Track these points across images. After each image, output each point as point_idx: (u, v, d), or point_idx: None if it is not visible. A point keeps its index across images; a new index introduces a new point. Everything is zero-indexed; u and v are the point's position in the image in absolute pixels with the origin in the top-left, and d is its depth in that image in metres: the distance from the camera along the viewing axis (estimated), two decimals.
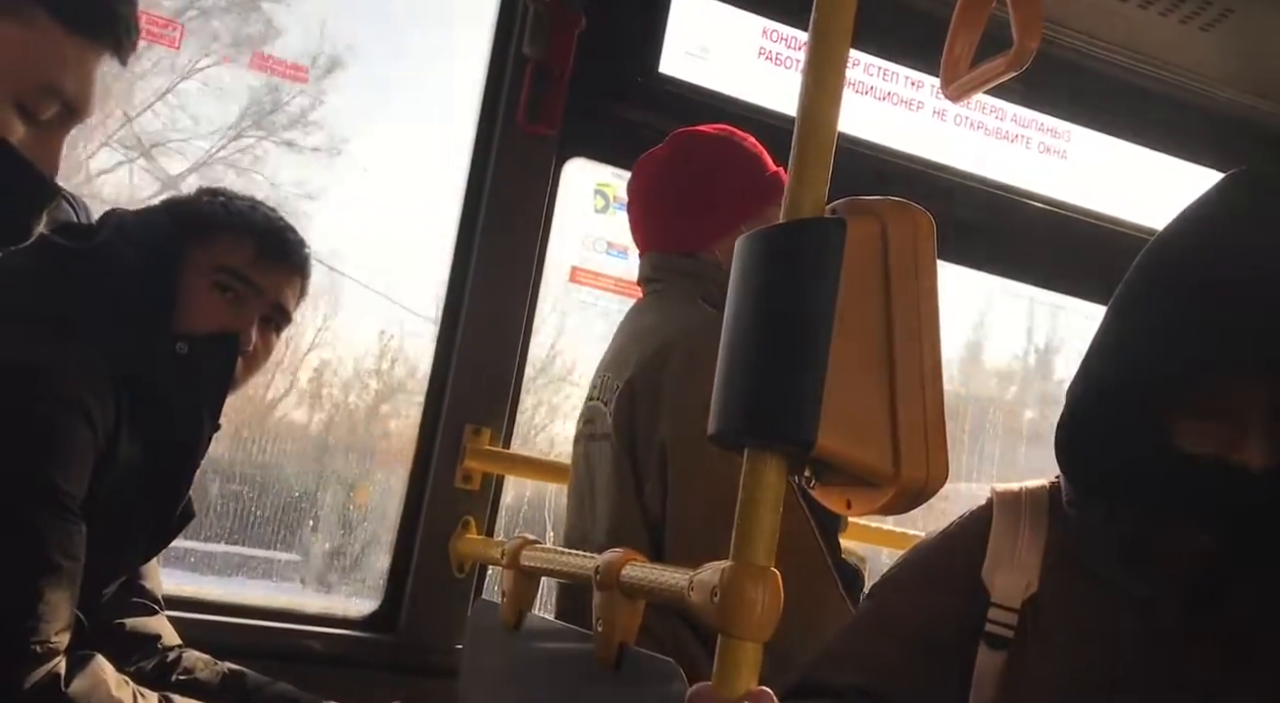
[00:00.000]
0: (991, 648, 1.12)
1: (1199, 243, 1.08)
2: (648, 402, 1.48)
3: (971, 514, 1.22)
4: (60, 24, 0.95)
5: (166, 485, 1.34)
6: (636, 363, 1.52)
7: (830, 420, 0.77)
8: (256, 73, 1.93)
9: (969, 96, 1.01)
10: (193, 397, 1.33)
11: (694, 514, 1.43)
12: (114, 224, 1.35)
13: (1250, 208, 1.08)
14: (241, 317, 1.38)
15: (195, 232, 1.38)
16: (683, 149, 1.64)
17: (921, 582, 1.21)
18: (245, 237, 1.39)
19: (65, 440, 1.19)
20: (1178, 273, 1.07)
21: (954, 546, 1.20)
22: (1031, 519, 1.16)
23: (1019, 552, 1.15)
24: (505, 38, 1.94)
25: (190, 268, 1.36)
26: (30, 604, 1.15)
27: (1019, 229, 2.28)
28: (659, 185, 1.64)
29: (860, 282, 0.79)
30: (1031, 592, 1.12)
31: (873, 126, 2.18)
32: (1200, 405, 1.04)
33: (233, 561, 2.05)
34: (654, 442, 1.47)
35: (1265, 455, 1.02)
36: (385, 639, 1.86)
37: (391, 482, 2.03)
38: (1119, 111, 2.36)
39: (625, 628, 1.11)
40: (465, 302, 1.90)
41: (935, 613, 1.16)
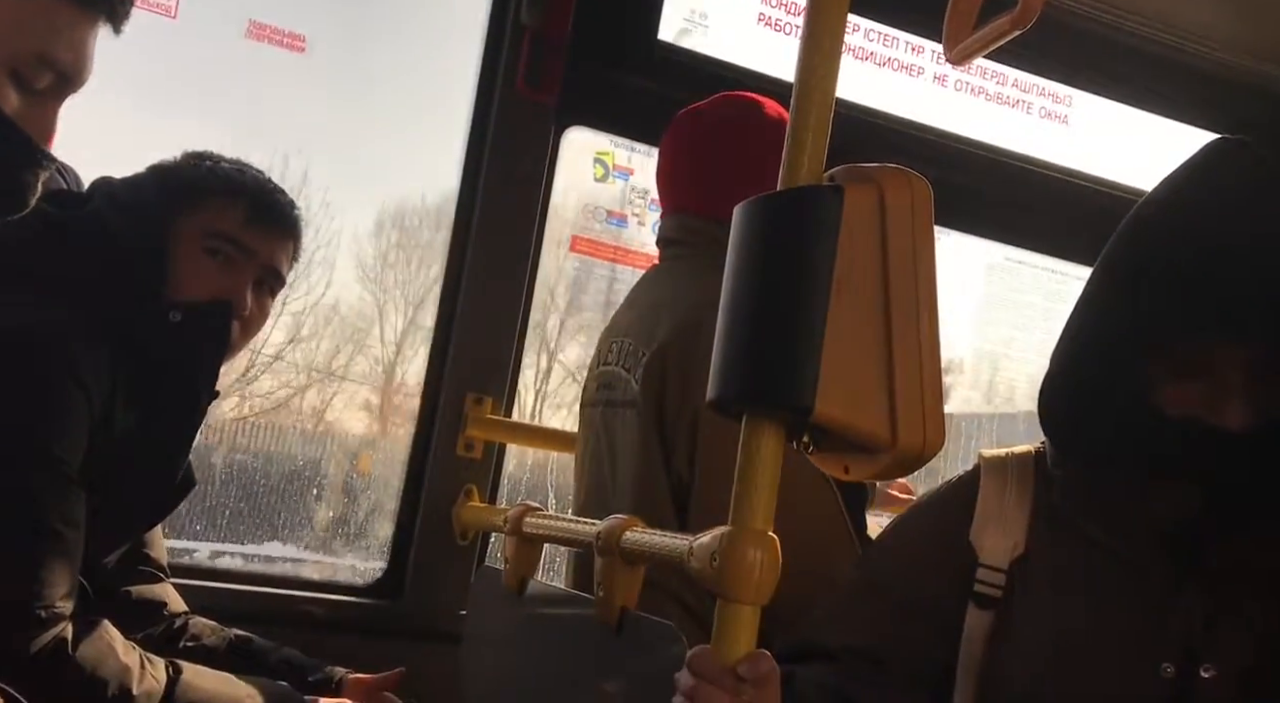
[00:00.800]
0: (980, 608, 1.14)
1: (1182, 207, 1.09)
2: (680, 370, 1.46)
3: (959, 478, 1.24)
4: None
5: (164, 454, 1.35)
6: (670, 330, 1.48)
7: (828, 387, 0.78)
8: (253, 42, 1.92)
9: (972, 59, 1.00)
10: (188, 365, 1.34)
11: (721, 484, 1.44)
12: (103, 192, 1.35)
13: (1234, 173, 1.09)
14: (235, 281, 1.37)
15: (184, 197, 1.37)
16: (746, 116, 1.57)
17: (910, 545, 1.23)
18: (235, 199, 1.38)
19: (60, 408, 1.20)
20: (1160, 236, 1.08)
21: (942, 509, 1.22)
22: (1018, 482, 1.18)
23: (1006, 514, 1.17)
24: (503, 5, 1.92)
25: (181, 234, 1.35)
26: (32, 570, 1.16)
27: (1020, 195, 2.28)
28: (712, 148, 1.56)
29: (858, 248, 0.79)
30: (1019, 552, 1.15)
31: (873, 93, 2.17)
32: (1181, 368, 1.05)
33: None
34: (685, 410, 1.45)
35: (1245, 417, 1.03)
36: (389, 606, 1.88)
37: (394, 450, 2.04)
38: (1120, 75, 2.34)
39: (626, 593, 1.13)
40: (465, 270, 1.90)
41: (924, 574, 1.19)
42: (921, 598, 1.17)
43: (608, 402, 1.60)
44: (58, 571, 1.18)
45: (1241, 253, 1.03)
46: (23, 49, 0.93)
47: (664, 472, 1.48)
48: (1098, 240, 2.34)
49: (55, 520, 1.18)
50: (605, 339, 1.66)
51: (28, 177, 0.98)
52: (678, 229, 1.59)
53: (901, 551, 1.23)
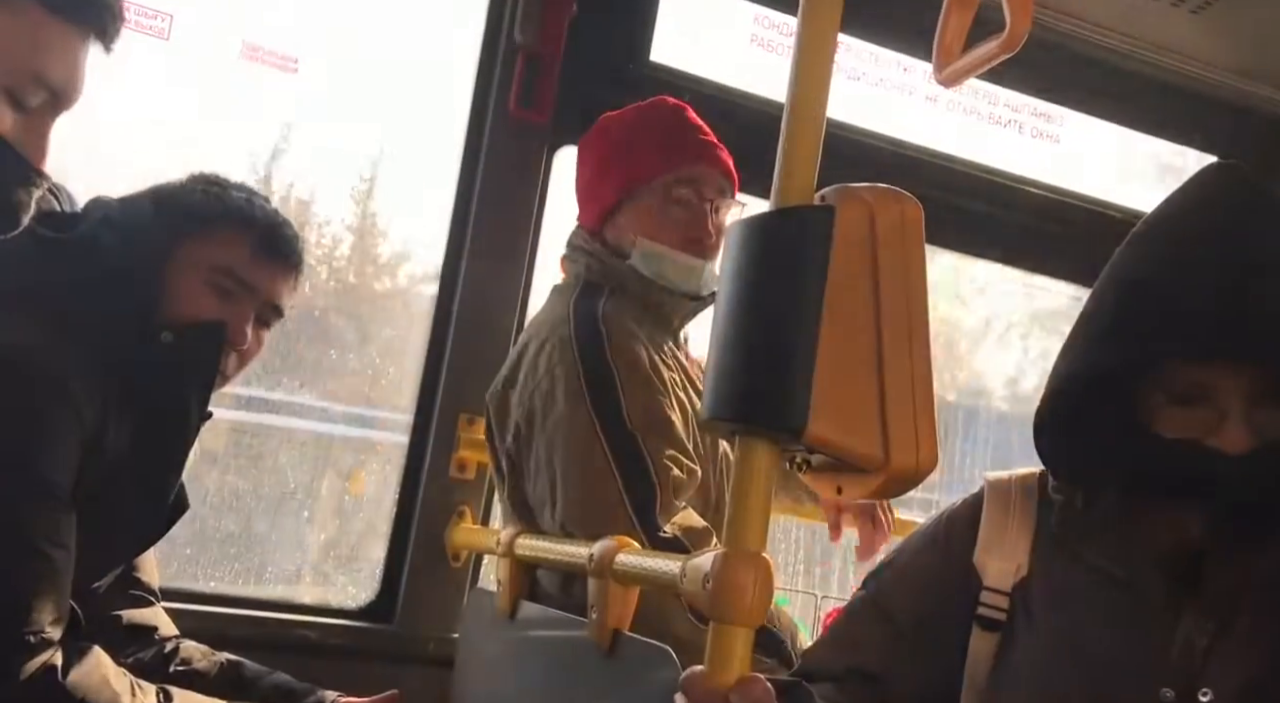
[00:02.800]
0: (984, 630, 1.14)
1: (1180, 232, 1.10)
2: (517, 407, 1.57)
3: (964, 502, 1.24)
4: (44, 9, 0.94)
5: (156, 476, 1.34)
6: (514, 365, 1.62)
7: (820, 407, 0.77)
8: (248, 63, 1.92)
9: (962, 81, 1.01)
10: (180, 386, 1.33)
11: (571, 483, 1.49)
12: (98, 214, 1.34)
13: (1228, 199, 1.10)
14: (235, 315, 1.37)
15: (190, 224, 1.37)
16: (600, 127, 1.70)
17: (916, 567, 1.23)
18: (242, 233, 1.38)
19: (51, 429, 1.19)
20: (1158, 261, 1.09)
21: (947, 532, 1.23)
22: (1021, 505, 1.19)
23: (1009, 537, 1.17)
24: (496, 25, 1.93)
25: (184, 263, 1.35)
26: (21, 594, 1.15)
27: (1011, 214, 2.29)
28: (579, 166, 1.72)
29: (849, 268, 0.79)
30: (1022, 575, 1.15)
31: (864, 113, 2.18)
32: (1178, 393, 1.06)
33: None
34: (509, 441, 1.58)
35: (1243, 441, 1.03)
36: (382, 629, 1.86)
37: (387, 471, 2.03)
38: (1111, 95, 2.36)
39: (619, 615, 1.12)
40: (458, 290, 1.90)
41: (929, 597, 1.19)
42: (926, 621, 1.17)
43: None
44: (48, 595, 1.17)
45: (1232, 279, 1.03)
46: (16, 67, 0.94)
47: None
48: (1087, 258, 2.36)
49: (45, 543, 1.17)
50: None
51: (21, 195, 0.98)
52: (566, 243, 1.72)
53: (906, 573, 1.23)
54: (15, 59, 0.94)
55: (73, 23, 0.97)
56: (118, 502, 1.29)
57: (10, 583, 1.15)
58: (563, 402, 1.47)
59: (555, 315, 1.59)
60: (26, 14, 0.94)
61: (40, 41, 0.95)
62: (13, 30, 0.94)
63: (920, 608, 1.18)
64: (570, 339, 1.50)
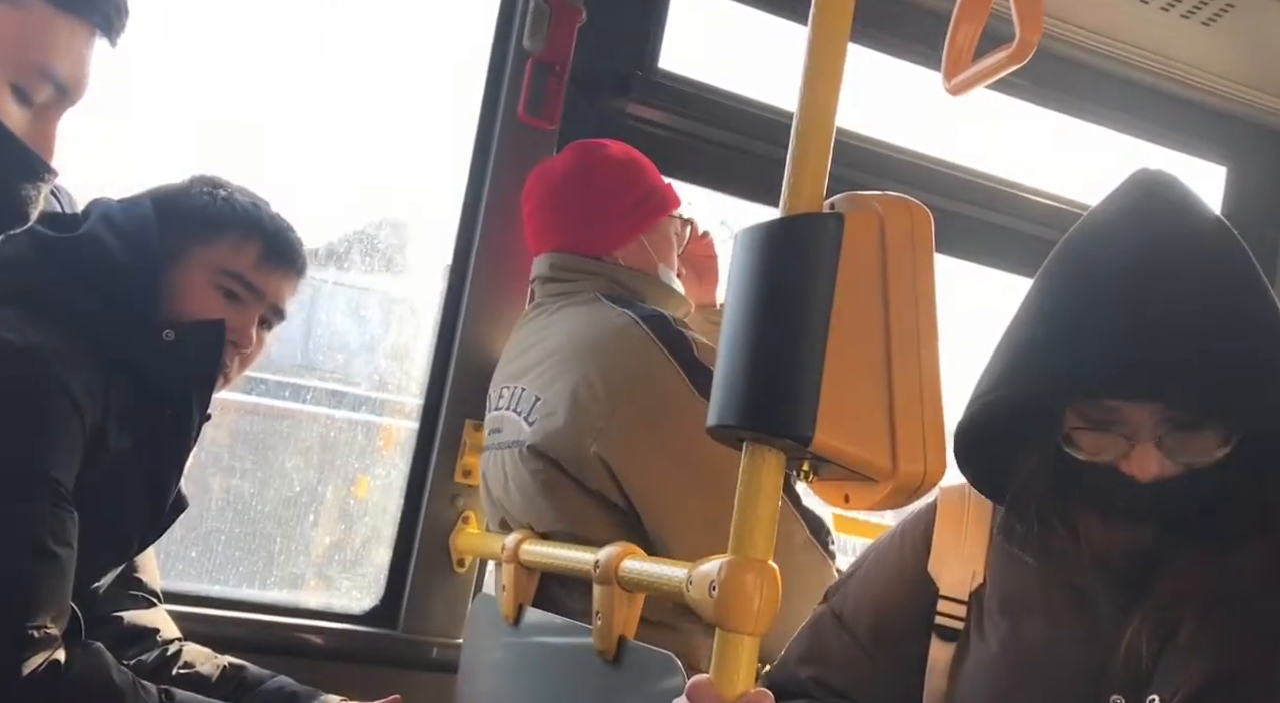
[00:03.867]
0: (942, 639, 1.15)
1: (1092, 262, 1.09)
2: (567, 418, 1.51)
3: (917, 512, 1.24)
4: (49, 4, 0.95)
5: (157, 475, 1.34)
6: (551, 379, 1.56)
7: (828, 415, 0.77)
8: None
9: (971, 90, 1.01)
10: (182, 385, 1.33)
11: (664, 503, 1.46)
12: (98, 214, 1.34)
13: (1144, 223, 1.09)
14: (241, 319, 1.38)
15: (198, 228, 1.38)
16: (587, 159, 1.72)
17: (873, 578, 1.23)
18: (250, 238, 1.40)
19: (53, 427, 1.19)
20: (1071, 293, 1.09)
21: (902, 542, 1.23)
22: (975, 512, 1.19)
23: (964, 544, 1.17)
24: (506, 32, 1.93)
25: (191, 267, 1.36)
26: (25, 590, 1.15)
27: (1019, 223, 2.28)
28: (563, 193, 1.72)
29: (858, 276, 0.79)
30: (978, 583, 1.15)
31: (874, 121, 2.18)
32: (1093, 418, 1.06)
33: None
34: (586, 452, 1.49)
35: (1152, 466, 1.04)
36: (385, 634, 1.86)
37: (392, 476, 2.03)
38: (1121, 107, 2.35)
39: (625, 622, 1.12)
40: (465, 296, 1.90)
41: (887, 608, 1.19)
42: (886, 631, 1.18)
43: (497, 444, 1.66)
44: (50, 591, 1.17)
45: (1139, 318, 1.03)
46: (23, 63, 0.94)
47: (584, 502, 1.50)
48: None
49: (48, 540, 1.17)
50: (494, 387, 1.73)
51: (30, 190, 0.98)
52: (546, 267, 1.72)
53: (865, 583, 1.23)
54: (22, 54, 0.94)
55: (78, 17, 0.97)
56: (118, 500, 1.29)
57: (14, 580, 1.15)
58: (675, 401, 1.46)
59: (609, 325, 1.55)
60: (32, 9, 0.94)
61: (46, 37, 0.95)
62: (18, 26, 0.94)
63: (879, 620, 1.18)
64: (654, 344, 1.50)
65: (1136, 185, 1.13)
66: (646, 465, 1.46)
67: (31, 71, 0.94)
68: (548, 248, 1.73)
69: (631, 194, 1.69)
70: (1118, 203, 1.13)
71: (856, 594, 1.22)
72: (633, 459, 1.46)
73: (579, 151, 1.74)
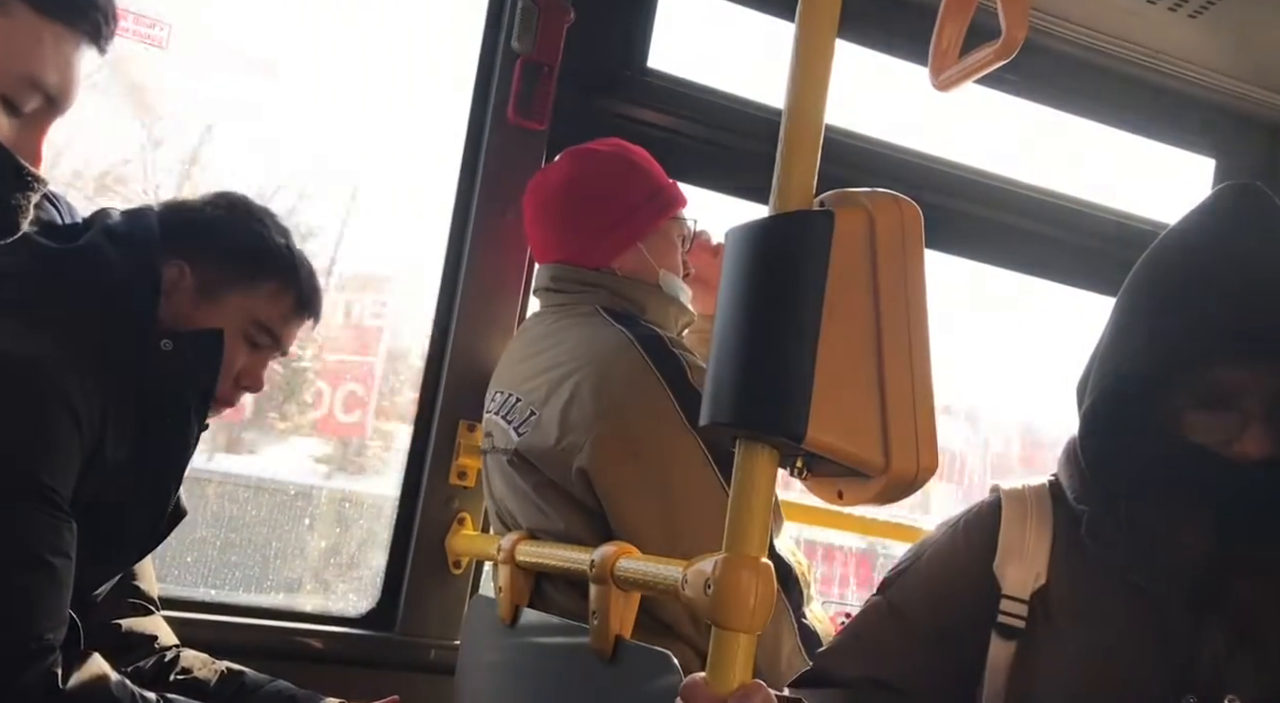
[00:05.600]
0: (1003, 638, 1.16)
1: (1201, 245, 1.14)
2: (556, 434, 1.52)
3: (977, 510, 1.25)
4: (37, 12, 0.94)
5: (156, 484, 1.34)
6: (545, 396, 1.56)
7: (820, 412, 0.77)
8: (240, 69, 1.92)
9: (958, 86, 1.01)
10: (179, 395, 1.33)
11: (638, 509, 1.47)
12: (100, 225, 1.34)
13: (1247, 215, 1.13)
14: (258, 363, 1.43)
15: (238, 272, 1.39)
16: (578, 169, 1.70)
17: (933, 574, 1.23)
18: (287, 289, 1.43)
19: (52, 437, 1.19)
20: (1180, 273, 1.12)
21: (965, 539, 1.23)
22: (1037, 514, 1.20)
23: (1027, 545, 1.18)
24: (495, 32, 1.93)
25: (228, 310, 1.38)
26: (22, 601, 1.15)
27: (1011, 218, 2.29)
28: (557, 206, 1.70)
29: (848, 273, 0.79)
30: (1040, 584, 1.16)
31: (865, 118, 2.18)
32: (1204, 396, 1.08)
33: None
34: (570, 465, 1.50)
35: (1265, 444, 1.05)
36: (383, 636, 1.86)
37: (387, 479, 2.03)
38: (1110, 100, 2.36)
39: (621, 621, 1.12)
40: (458, 297, 1.90)
41: (947, 604, 1.20)
42: (946, 627, 1.18)
43: (491, 449, 1.67)
44: (48, 602, 1.17)
45: (1253, 286, 1.07)
46: (11, 72, 0.94)
47: (572, 510, 1.51)
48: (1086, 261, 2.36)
49: (45, 551, 1.17)
50: (491, 389, 1.74)
51: (20, 199, 0.98)
52: (547, 278, 1.72)
53: (925, 579, 1.24)
54: (9, 63, 0.93)
55: (67, 26, 0.97)
56: (117, 510, 1.29)
57: (12, 590, 1.15)
58: (663, 430, 1.47)
59: (604, 344, 1.56)
60: (19, 18, 0.93)
61: (34, 46, 0.94)
62: (6, 35, 0.93)
63: (941, 616, 1.19)
64: (649, 368, 1.50)
65: (1227, 192, 1.17)
66: (626, 493, 1.47)
67: (19, 81, 0.94)
68: (548, 259, 1.73)
69: (624, 203, 1.67)
70: (1208, 207, 1.17)
71: (915, 588, 1.23)
72: (612, 481, 1.47)
73: (572, 161, 1.72)
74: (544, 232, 1.73)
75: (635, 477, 1.46)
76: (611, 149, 1.73)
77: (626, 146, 1.74)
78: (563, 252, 1.70)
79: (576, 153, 1.73)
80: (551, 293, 1.71)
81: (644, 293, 1.67)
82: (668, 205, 1.71)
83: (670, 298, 1.70)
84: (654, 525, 1.44)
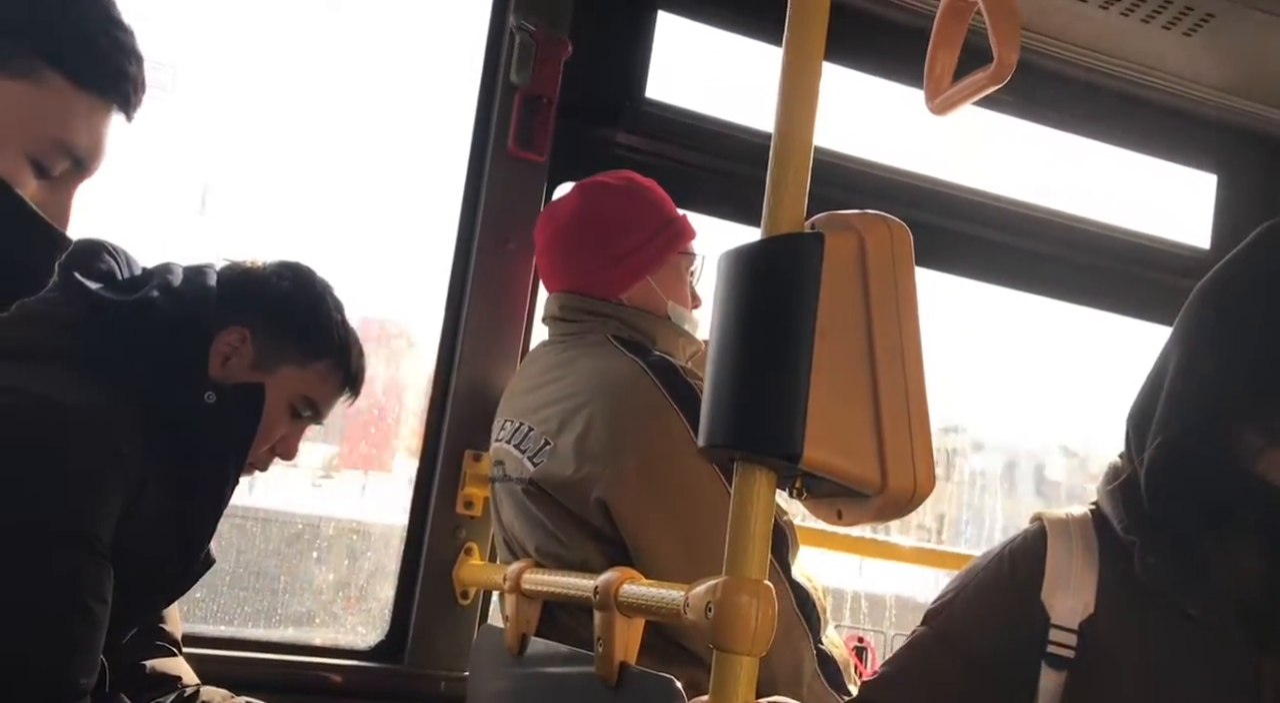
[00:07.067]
0: (1053, 668, 1.15)
1: (1259, 280, 1.15)
2: (574, 464, 1.52)
3: (1022, 539, 1.24)
4: (72, 83, 0.97)
5: (191, 533, 1.35)
6: (559, 426, 1.57)
7: (816, 432, 0.78)
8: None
9: (953, 110, 1.02)
10: (220, 446, 1.35)
11: (663, 536, 1.48)
12: (159, 280, 1.36)
13: None
14: (297, 433, 1.46)
15: (296, 350, 1.42)
16: (588, 202, 1.72)
17: (980, 604, 1.23)
18: (338, 370, 1.46)
19: (97, 484, 1.20)
20: (1249, 311, 1.13)
21: (1011, 567, 1.23)
22: (1082, 544, 1.20)
23: (1075, 574, 1.18)
24: (494, 66, 1.96)
25: (279, 381, 1.40)
26: (62, 646, 1.15)
27: (1007, 236, 2.29)
28: (567, 238, 1.72)
29: (840, 294, 0.80)
30: (1089, 613, 1.15)
31: (861, 140, 2.19)
32: (1274, 430, 1.08)
33: None
34: (590, 495, 1.50)
35: None
36: (392, 668, 1.86)
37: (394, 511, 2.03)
38: (1109, 119, 2.37)
39: (625, 647, 1.12)
40: (462, 327, 1.91)
41: (997, 633, 1.19)
42: (996, 657, 1.18)
43: (502, 477, 1.67)
44: (85, 647, 1.17)
45: None
46: (43, 138, 0.97)
47: (590, 539, 1.52)
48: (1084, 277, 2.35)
49: (88, 597, 1.18)
50: (500, 418, 1.74)
51: (44, 260, 1.00)
52: (556, 307, 1.73)
53: (973, 608, 1.23)
54: (42, 129, 0.97)
55: (98, 95, 1.00)
56: (152, 557, 1.30)
57: (52, 636, 1.16)
58: (679, 457, 1.48)
59: (617, 373, 1.57)
60: (54, 87, 0.97)
61: (66, 113, 0.98)
62: (40, 102, 0.97)
63: (993, 645, 1.18)
64: (663, 396, 1.51)
65: (1270, 232, 1.18)
66: (646, 522, 1.48)
67: (50, 146, 0.97)
68: (558, 288, 1.74)
69: (633, 238, 1.69)
70: (1262, 244, 1.18)
71: (963, 617, 1.22)
72: (631, 510, 1.48)
73: (581, 194, 1.74)
74: (554, 262, 1.75)
75: (654, 505, 1.47)
76: (621, 182, 1.74)
77: (636, 179, 1.75)
78: (572, 281, 1.71)
79: (587, 186, 1.74)
80: (561, 322, 1.72)
81: (653, 324, 1.68)
82: (676, 238, 1.73)
83: (679, 330, 1.71)
84: (674, 553, 1.44)
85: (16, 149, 0.95)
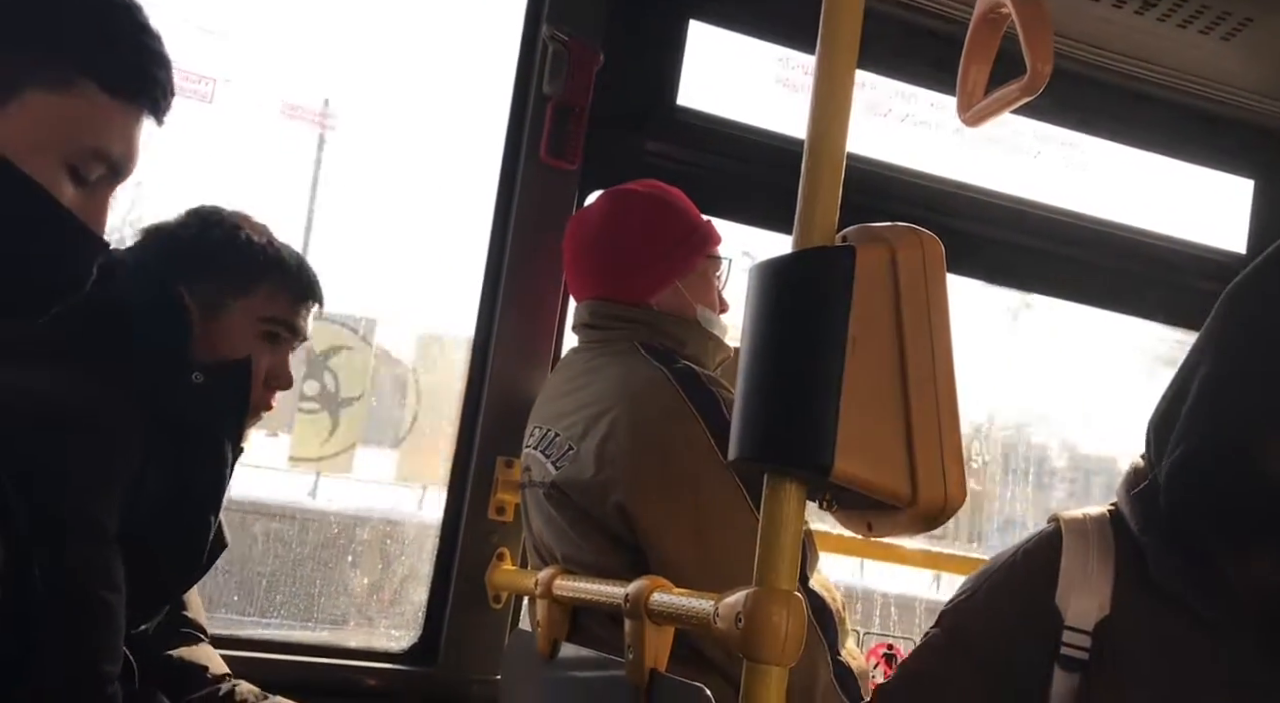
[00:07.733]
0: (1066, 670, 1.14)
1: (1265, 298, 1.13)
2: (594, 468, 1.53)
3: (1037, 540, 1.24)
4: (105, 91, 1.00)
5: (196, 514, 1.37)
6: (583, 431, 1.58)
7: (847, 445, 0.78)
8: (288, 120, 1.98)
9: (986, 122, 1.02)
10: (213, 424, 1.37)
11: (682, 545, 1.47)
12: (107, 270, 1.39)
13: None
14: (281, 358, 1.46)
15: (231, 279, 1.43)
16: (616, 210, 1.73)
17: (994, 604, 1.22)
18: (283, 286, 1.46)
19: (101, 475, 1.23)
20: (1271, 320, 1.11)
21: (1026, 568, 1.22)
22: (1099, 544, 1.18)
23: (1090, 576, 1.17)
24: (526, 76, 1.97)
25: (234, 315, 1.42)
26: (82, 638, 1.17)
27: (1044, 243, 2.28)
28: (595, 246, 1.73)
29: (872, 307, 0.80)
30: (1104, 615, 1.14)
31: (895, 149, 2.19)
32: None
33: None
34: (609, 501, 1.51)
35: None
36: (425, 672, 1.87)
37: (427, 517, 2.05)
38: (1144, 124, 2.34)
39: (655, 654, 1.13)
40: (494, 334, 1.92)
41: (1011, 634, 1.18)
42: (1009, 658, 1.17)
43: (530, 483, 1.69)
44: (105, 637, 1.20)
45: None
46: (79, 146, 0.99)
47: (608, 543, 1.52)
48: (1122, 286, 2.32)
49: (100, 587, 1.20)
50: (530, 424, 1.75)
51: (86, 262, 1.03)
52: (586, 314, 1.74)
53: (985, 609, 1.22)
54: (78, 137, 0.99)
55: (130, 102, 1.03)
56: (159, 541, 1.32)
57: (70, 626, 1.18)
58: (698, 463, 1.48)
59: (641, 378, 1.58)
60: (88, 96, 0.99)
61: (100, 121, 1.01)
62: (75, 111, 0.99)
63: (1003, 647, 1.18)
64: (684, 402, 1.52)
65: None
66: (662, 527, 1.48)
67: (86, 154, 1.00)
68: (586, 296, 1.75)
69: (661, 243, 1.70)
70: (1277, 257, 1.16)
71: (976, 619, 1.22)
72: (650, 518, 1.48)
73: (609, 201, 1.75)
74: (582, 270, 1.76)
75: (671, 510, 1.47)
76: (648, 190, 1.75)
77: (662, 187, 1.76)
78: (601, 289, 1.72)
79: (614, 194, 1.76)
80: (590, 330, 1.73)
81: (683, 329, 1.69)
82: (703, 244, 1.74)
83: (708, 334, 1.72)
84: (689, 559, 1.45)
85: (55, 158, 0.98)
